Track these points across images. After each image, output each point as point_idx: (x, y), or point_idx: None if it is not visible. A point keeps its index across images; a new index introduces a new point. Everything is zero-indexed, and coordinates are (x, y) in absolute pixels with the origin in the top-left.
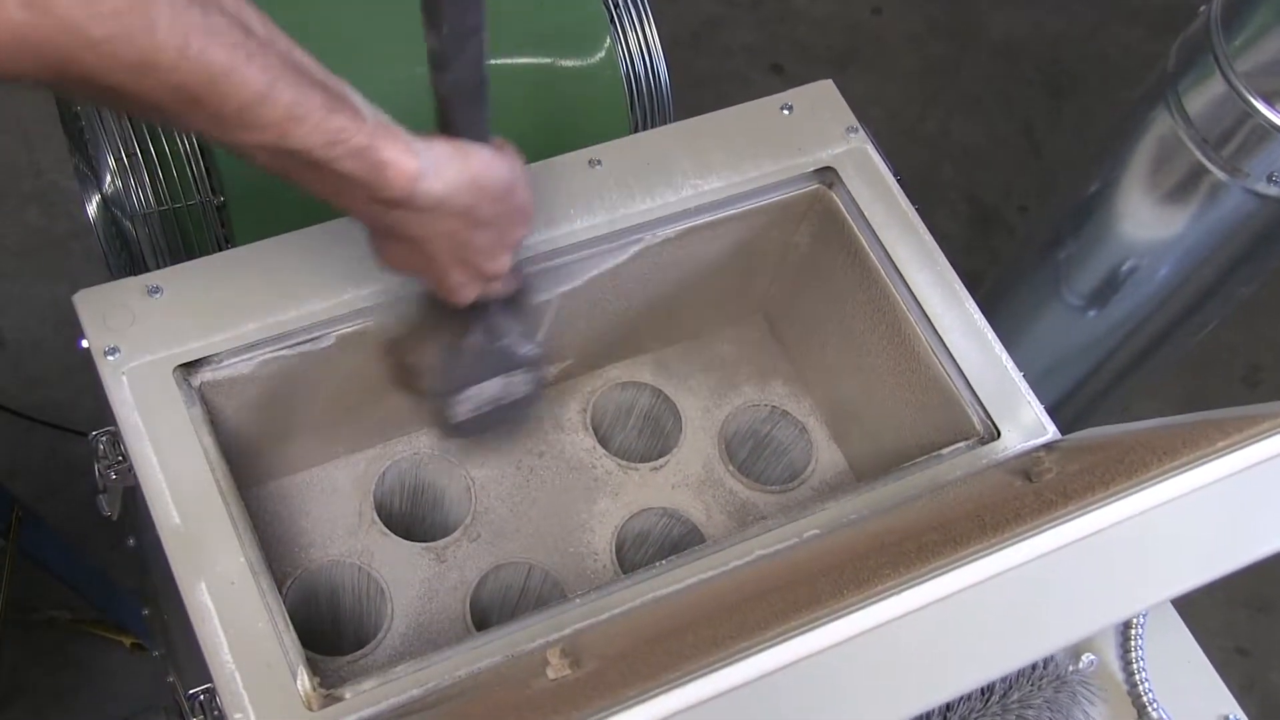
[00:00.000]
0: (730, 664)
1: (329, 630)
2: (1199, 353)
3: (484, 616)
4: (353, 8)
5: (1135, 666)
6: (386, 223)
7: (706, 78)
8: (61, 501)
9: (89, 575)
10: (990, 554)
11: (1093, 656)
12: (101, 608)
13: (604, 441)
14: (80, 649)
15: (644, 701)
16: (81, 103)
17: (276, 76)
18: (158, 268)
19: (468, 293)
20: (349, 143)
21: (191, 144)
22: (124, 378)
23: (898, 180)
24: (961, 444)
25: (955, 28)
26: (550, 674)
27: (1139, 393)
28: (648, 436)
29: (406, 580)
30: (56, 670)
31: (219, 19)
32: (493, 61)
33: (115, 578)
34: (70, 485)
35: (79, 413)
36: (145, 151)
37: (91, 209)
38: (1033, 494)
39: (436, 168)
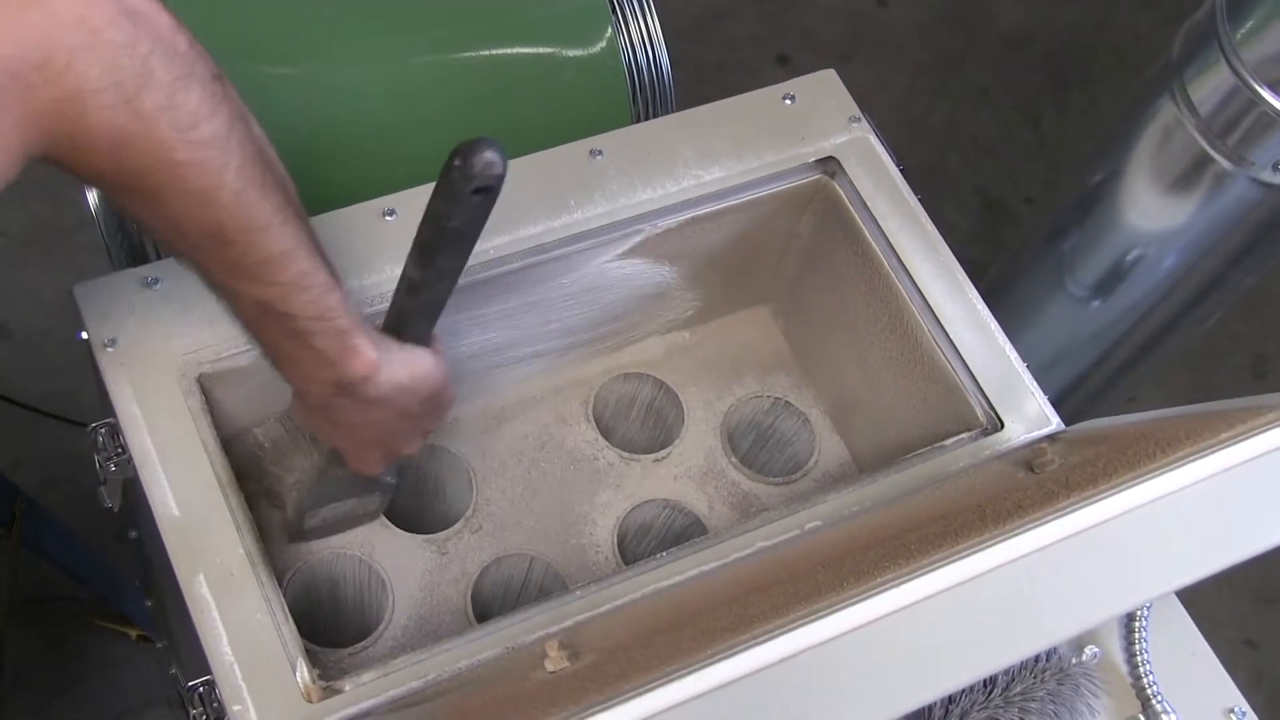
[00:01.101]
0: (728, 657)
1: (330, 622)
2: (1206, 344)
3: (485, 609)
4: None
5: (1139, 659)
6: (329, 404)
7: (712, 69)
8: (68, 493)
9: (94, 566)
10: (991, 546)
11: (1096, 649)
12: (107, 599)
13: (606, 433)
14: (86, 640)
15: (641, 695)
16: (129, 216)
17: (300, 244)
18: (159, 259)
19: (377, 469)
20: (334, 321)
21: None
22: (123, 369)
23: (901, 170)
24: (964, 435)
25: (962, 18)
26: (548, 667)
27: (1145, 384)
28: (650, 428)
29: (408, 572)
30: (62, 661)
31: (271, 179)
32: (493, 51)
33: (121, 569)
34: (76, 476)
35: (85, 404)
36: None
37: (93, 199)
38: (1035, 485)
39: (390, 366)
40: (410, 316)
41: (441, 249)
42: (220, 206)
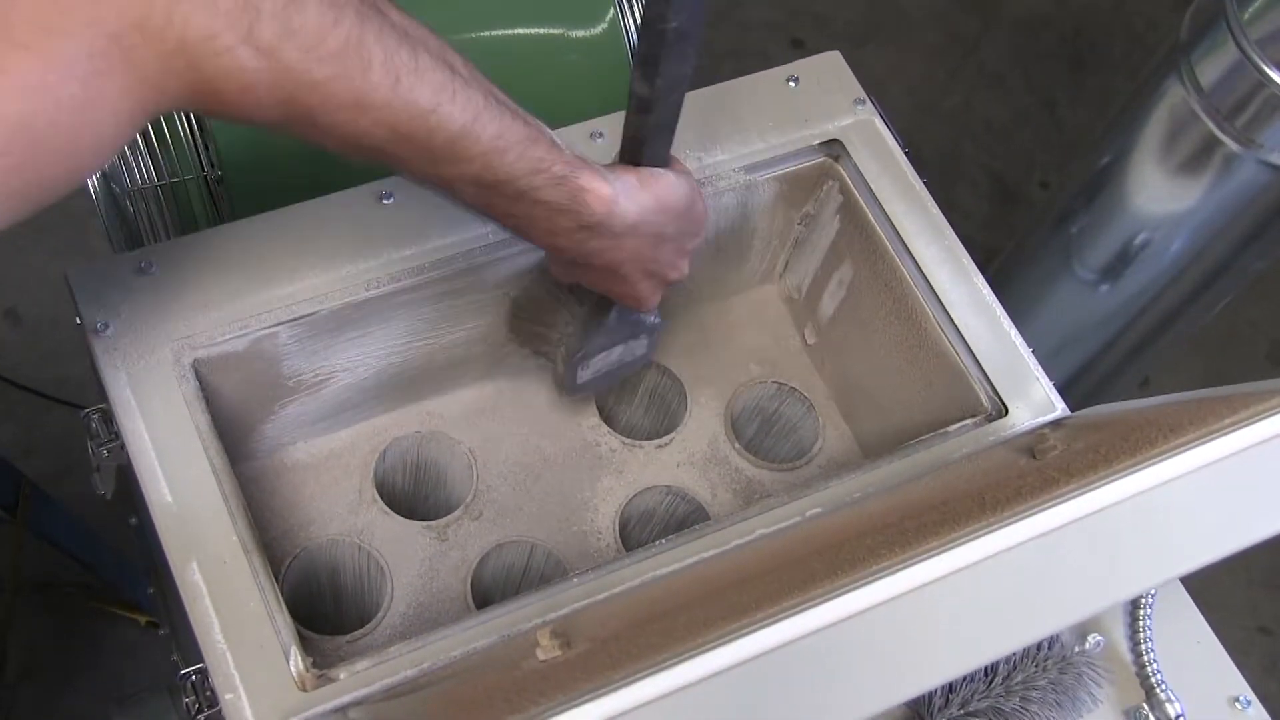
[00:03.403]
0: (719, 646)
1: (330, 610)
2: (1222, 330)
3: (486, 596)
4: None
5: (1143, 647)
6: (583, 250)
7: (725, 53)
8: (77, 479)
9: (102, 552)
10: (990, 532)
11: (1099, 637)
12: (115, 585)
13: (609, 419)
14: (94, 626)
15: (631, 683)
16: (311, 143)
17: (479, 111)
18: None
19: (654, 300)
20: (549, 171)
21: (188, 119)
22: (116, 354)
23: (906, 153)
24: (969, 421)
25: (977, 2)
26: (540, 655)
27: (1160, 369)
28: (653, 414)
29: (407, 559)
30: (70, 647)
31: (425, 58)
32: (495, 32)
33: (129, 555)
34: (86, 462)
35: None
36: (144, 132)
37: (93, 185)
38: (1035, 471)
39: (628, 193)
40: (645, 137)
41: (667, 56)
42: (379, 107)
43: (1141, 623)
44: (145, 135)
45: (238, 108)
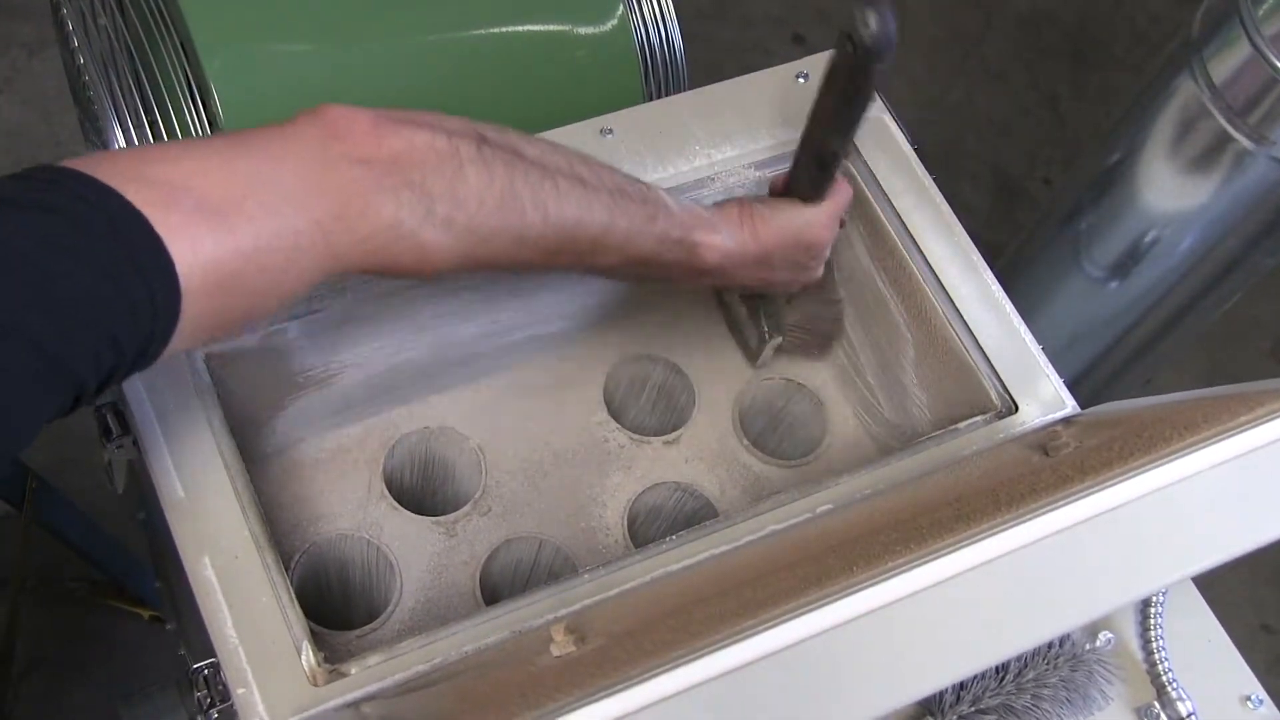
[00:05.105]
0: (735, 643)
1: (339, 605)
2: (1225, 326)
3: (494, 592)
4: None
5: (1154, 645)
6: (716, 279)
7: (728, 48)
8: (81, 473)
9: (107, 547)
10: (1005, 530)
11: (1110, 635)
12: (121, 580)
13: (617, 415)
14: (99, 621)
15: (647, 680)
16: (475, 272)
17: (611, 211)
18: None
19: (795, 288)
20: (670, 238)
21: (198, 113)
22: None
23: (915, 149)
24: (978, 418)
25: None
26: (554, 651)
27: (1165, 366)
28: (661, 410)
29: (416, 555)
30: (75, 642)
31: (563, 182)
32: (505, 29)
33: (134, 550)
34: (89, 457)
35: None
36: (153, 121)
37: None
38: (1049, 469)
39: (733, 236)
40: (818, 182)
41: (856, 119)
42: (535, 237)
43: (1153, 620)
44: (155, 130)
45: (417, 271)
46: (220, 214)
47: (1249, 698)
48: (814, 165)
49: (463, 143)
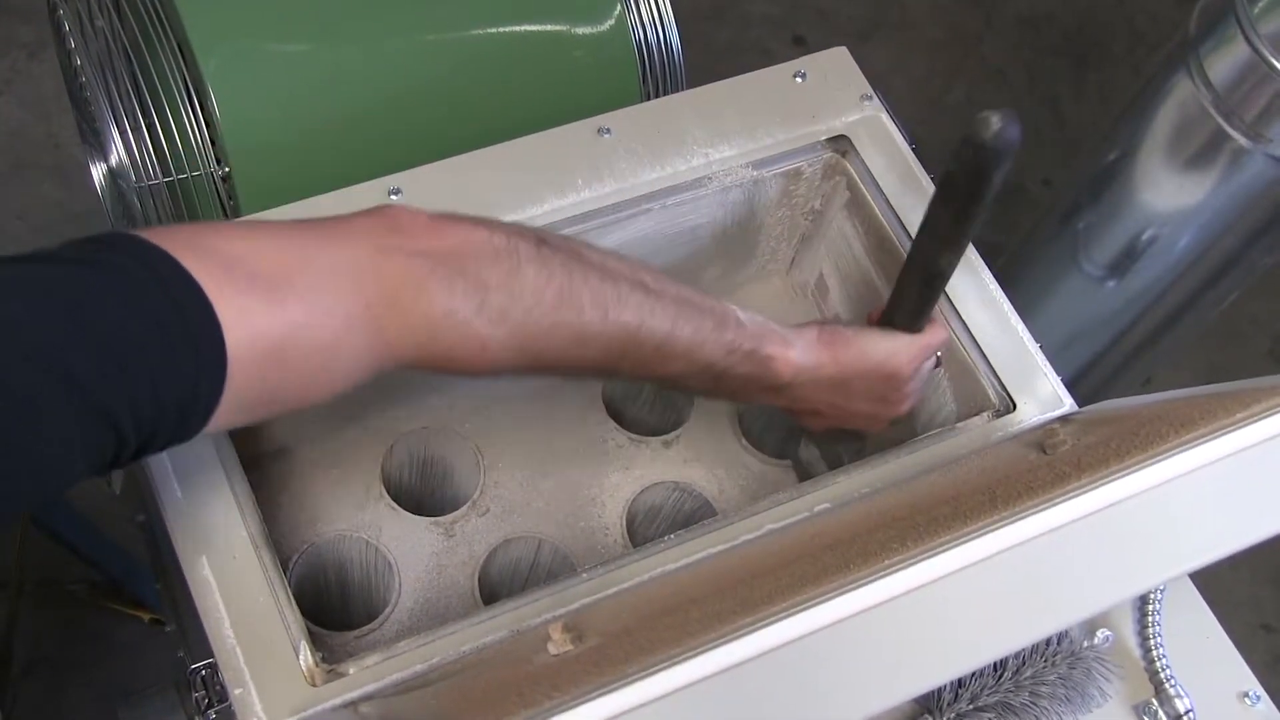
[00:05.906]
0: (733, 640)
1: (337, 605)
2: (1224, 325)
3: (493, 591)
4: None
5: (1152, 643)
6: (781, 404)
7: (727, 49)
8: None
9: (106, 549)
10: (1000, 527)
11: (1108, 632)
12: (119, 582)
13: (616, 415)
14: (99, 623)
15: (644, 677)
16: (538, 377)
17: (675, 317)
18: None
19: (877, 426)
20: (740, 349)
21: (195, 114)
22: None
23: (913, 148)
24: (977, 417)
25: None
26: (552, 649)
27: (1162, 365)
28: (660, 410)
29: (415, 555)
30: (75, 644)
31: (624, 286)
32: (502, 29)
33: (133, 552)
34: None
35: None
36: (150, 123)
37: (99, 181)
38: (1046, 467)
39: (810, 355)
40: (920, 305)
41: (970, 232)
42: (594, 337)
43: (1151, 618)
44: (152, 131)
45: (472, 366)
46: (273, 287)
47: (1247, 694)
48: (919, 284)
49: (521, 241)
